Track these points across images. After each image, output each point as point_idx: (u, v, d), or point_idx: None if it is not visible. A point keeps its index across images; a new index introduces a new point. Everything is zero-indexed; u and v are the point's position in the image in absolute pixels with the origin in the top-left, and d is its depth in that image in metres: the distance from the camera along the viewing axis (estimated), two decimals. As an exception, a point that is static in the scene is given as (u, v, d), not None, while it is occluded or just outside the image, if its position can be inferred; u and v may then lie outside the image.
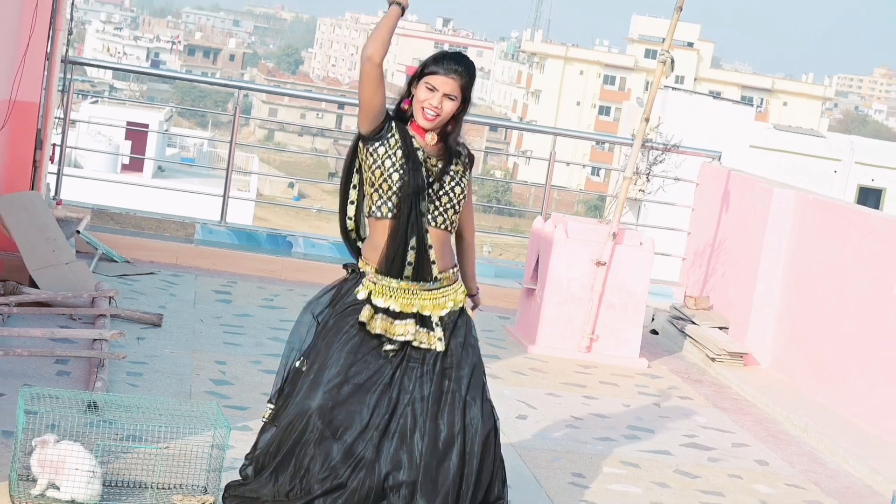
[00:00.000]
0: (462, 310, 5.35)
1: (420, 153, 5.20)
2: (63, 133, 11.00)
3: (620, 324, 9.60)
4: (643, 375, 9.36)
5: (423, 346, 5.20)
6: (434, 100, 5.13)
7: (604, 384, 8.91)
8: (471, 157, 5.37)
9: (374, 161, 5.18)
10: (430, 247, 5.21)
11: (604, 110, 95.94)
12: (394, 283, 5.20)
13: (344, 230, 5.44)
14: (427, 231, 5.19)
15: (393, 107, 5.30)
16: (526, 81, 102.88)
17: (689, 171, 11.73)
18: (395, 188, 5.15)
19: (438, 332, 5.22)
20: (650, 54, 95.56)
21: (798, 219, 9.94)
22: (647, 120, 9.79)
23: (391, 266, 5.19)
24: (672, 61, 9.62)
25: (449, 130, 5.26)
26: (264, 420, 5.31)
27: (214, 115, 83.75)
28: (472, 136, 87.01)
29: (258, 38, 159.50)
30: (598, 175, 79.20)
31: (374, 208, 5.20)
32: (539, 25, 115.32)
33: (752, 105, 44.00)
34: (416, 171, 5.17)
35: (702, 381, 9.46)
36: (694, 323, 10.37)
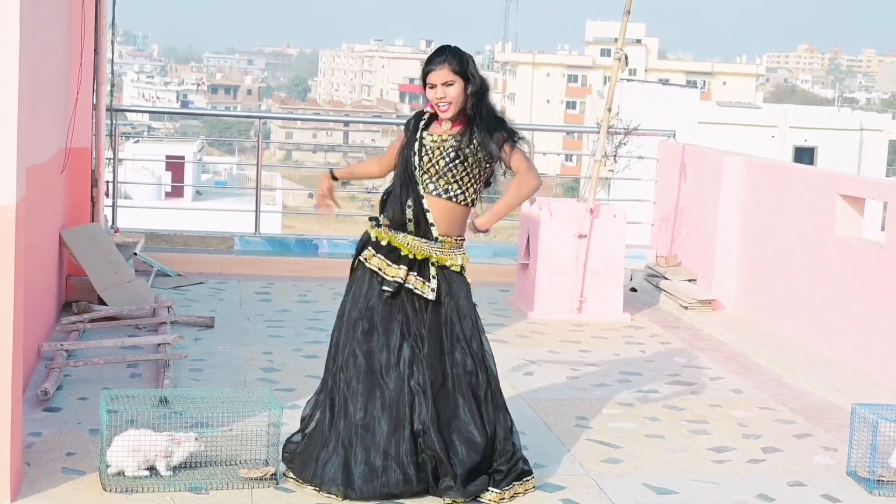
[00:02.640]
0: (462, 276, 5.34)
1: (425, 134, 5.24)
2: (114, 171, 10.99)
3: (604, 286, 9.59)
4: (628, 328, 9.35)
5: (416, 291, 5.22)
6: (438, 92, 5.16)
7: (595, 338, 8.90)
8: (507, 134, 5.24)
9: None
10: (427, 210, 5.22)
11: (570, 105, 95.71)
12: (400, 235, 5.28)
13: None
14: (423, 196, 5.21)
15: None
16: (502, 87, 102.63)
17: (650, 150, 11.70)
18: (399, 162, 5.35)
19: (433, 283, 5.23)
20: (605, 53, 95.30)
21: (747, 181, 9.93)
22: (609, 110, 9.77)
23: (395, 220, 5.29)
24: (626, 58, 9.61)
25: (471, 111, 5.22)
26: None
27: (239, 142, 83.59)
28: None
29: (270, 73, 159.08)
30: (571, 161, 79.01)
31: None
32: (508, 38, 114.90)
33: (696, 87, 43.96)
34: (408, 147, 5.28)
35: (678, 327, 9.45)
36: (666, 278, 10.36)
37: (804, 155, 33.96)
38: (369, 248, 5.35)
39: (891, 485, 5.72)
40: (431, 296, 5.23)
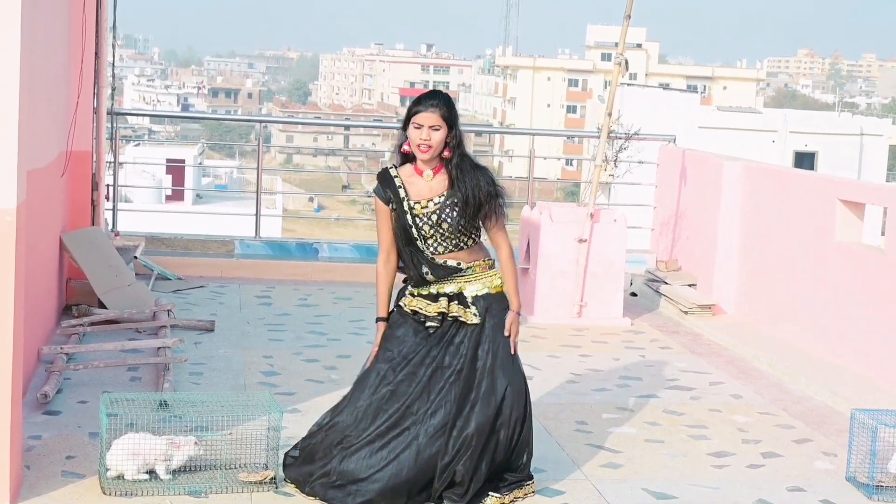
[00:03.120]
0: (502, 299, 5.34)
1: (413, 204, 5.23)
2: (114, 174, 10.99)
3: (604, 290, 9.59)
4: (628, 332, 9.35)
5: (459, 318, 5.24)
6: (423, 133, 5.17)
7: (595, 343, 8.90)
8: (493, 191, 5.27)
9: None
10: (442, 264, 5.25)
11: (571, 109, 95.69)
12: (423, 287, 5.32)
13: None
14: (433, 258, 5.23)
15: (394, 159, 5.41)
16: (502, 91, 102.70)
17: (650, 154, 11.69)
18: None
19: (474, 308, 5.26)
20: (606, 58, 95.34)
21: (746, 185, 9.93)
22: (609, 114, 9.77)
23: (416, 278, 5.34)
24: (626, 62, 9.61)
25: (445, 157, 5.26)
26: None
27: (240, 146, 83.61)
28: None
29: (271, 76, 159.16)
30: (571, 165, 79.03)
31: None
32: (509, 42, 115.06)
33: (696, 92, 44.00)
34: (400, 220, 5.28)
35: (678, 332, 9.45)
36: (666, 283, 10.36)
37: (804, 160, 33.97)
38: (408, 295, 5.39)
39: (890, 490, 5.71)
40: (475, 320, 5.25)
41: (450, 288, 5.28)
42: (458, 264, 5.27)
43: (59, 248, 8.51)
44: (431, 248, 5.26)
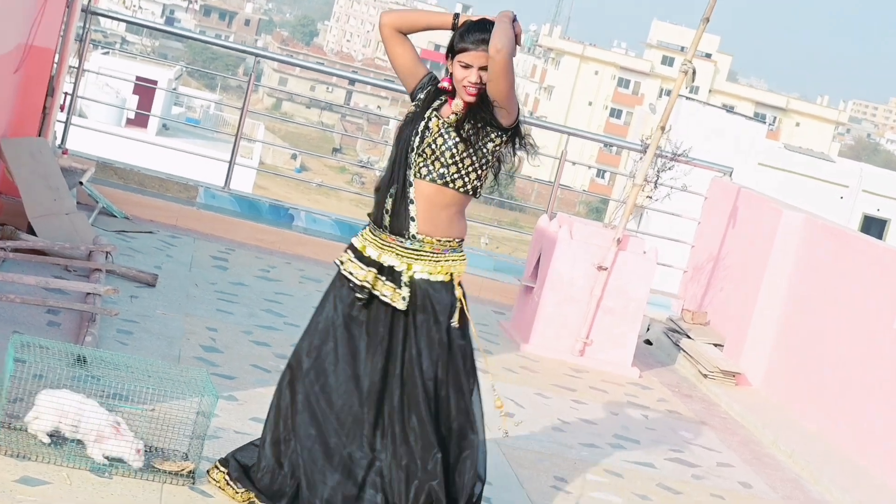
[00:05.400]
0: (448, 290, 5.24)
1: (433, 115, 5.21)
2: (75, 83, 10.97)
3: (616, 330, 9.59)
4: (633, 385, 9.35)
5: (384, 298, 5.19)
6: (472, 76, 5.12)
7: (593, 389, 8.90)
8: (513, 130, 5.23)
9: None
10: (412, 201, 5.17)
11: (615, 113, 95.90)
12: (377, 231, 5.26)
13: None
14: (412, 184, 5.18)
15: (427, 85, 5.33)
16: (540, 76, 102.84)
17: (698, 183, 11.70)
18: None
19: (405, 290, 5.17)
20: (667, 61, 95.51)
21: (804, 242, 9.93)
22: (662, 128, 9.76)
23: (376, 212, 5.28)
24: (694, 72, 9.61)
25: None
26: None
27: (225, 78, 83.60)
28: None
29: (275, 5, 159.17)
30: (602, 177, 79.21)
31: None
32: (559, 21, 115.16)
33: (764, 122, 44.06)
34: (409, 124, 5.24)
35: (692, 396, 9.46)
36: (689, 337, 10.36)
37: (873, 226, 34.00)
38: (347, 250, 5.35)
39: None
40: (401, 305, 5.19)
41: (391, 261, 5.21)
42: (411, 220, 5.15)
43: (-6, 155, 8.49)
44: (416, 166, 5.17)
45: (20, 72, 8.66)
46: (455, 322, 5.22)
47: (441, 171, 5.13)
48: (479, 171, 5.20)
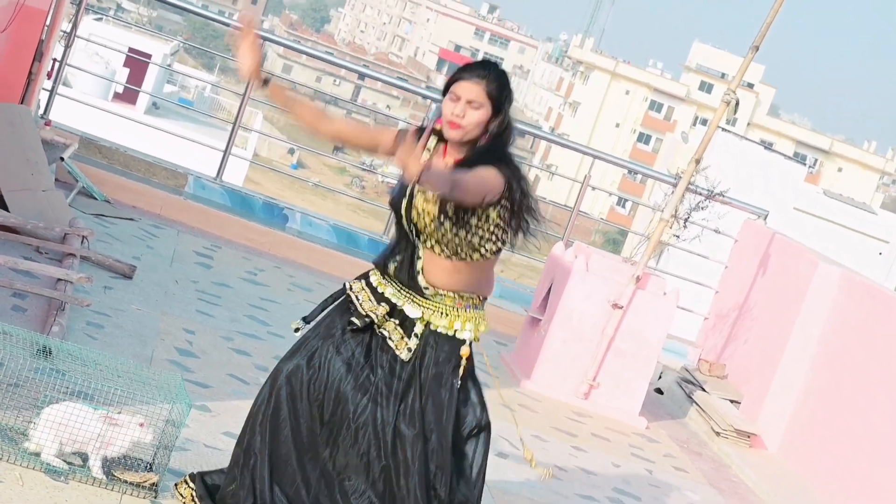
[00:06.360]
0: (465, 366, 5.23)
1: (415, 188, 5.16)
2: (66, 48, 10.98)
3: (626, 375, 9.59)
4: (639, 436, 9.35)
5: (389, 340, 5.16)
6: (457, 108, 5.01)
7: (596, 437, 8.90)
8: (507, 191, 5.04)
9: None
10: (419, 257, 5.15)
11: (643, 138, 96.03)
12: (392, 280, 5.20)
13: None
14: (420, 256, 5.12)
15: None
16: (566, 90, 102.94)
17: (728, 224, 11.70)
18: None
19: (413, 341, 5.15)
20: (705, 87, 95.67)
21: (839, 299, 9.92)
22: (698, 161, 9.76)
23: (388, 266, 5.21)
24: (737, 103, 9.62)
25: (482, 146, 5.07)
26: None
27: (225, 59, 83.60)
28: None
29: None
30: (623, 206, 79.24)
31: None
32: (592, 33, 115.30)
33: (804, 164, 44.12)
34: (400, 185, 5.15)
35: (701, 454, 9.46)
36: (704, 390, 10.36)
37: (913, 288, 34.04)
38: (362, 280, 5.31)
39: None
40: (405, 355, 5.16)
41: (408, 308, 5.18)
42: (418, 273, 5.12)
43: (-28, 119, 8.51)
44: (421, 240, 5.12)
45: (8, 31, 8.68)
46: (458, 381, 5.20)
47: (444, 246, 5.06)
48: (492, 237, 5.09)
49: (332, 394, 5.15)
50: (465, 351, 5.22)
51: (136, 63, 40.57)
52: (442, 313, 5.16)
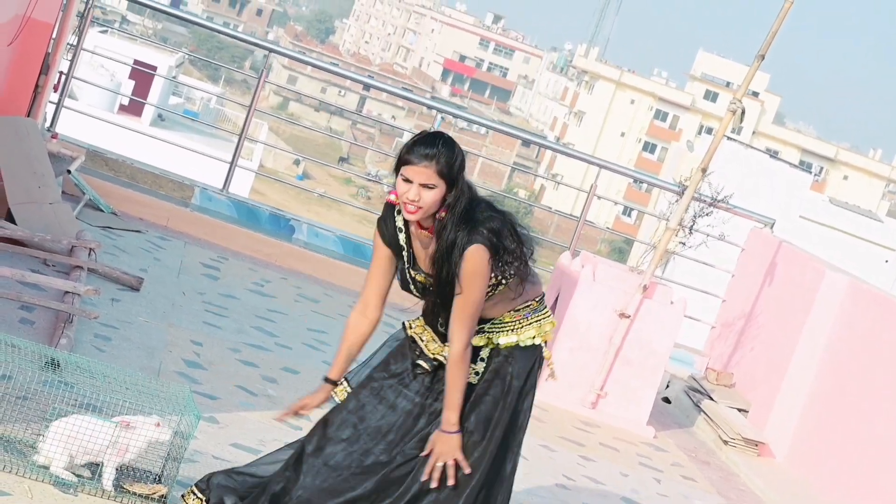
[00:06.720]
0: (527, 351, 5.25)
1: (413, 273, 5.15)
2: (71, 62, 11.00)
3: (633, 384, 9.58)
4: (647, 445, 9.34)
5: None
6: (411, 192, 4.95)
7: (603, 447, 8.89)
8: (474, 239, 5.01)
9: None
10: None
11: (649, 147, 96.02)
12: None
13: None
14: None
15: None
16: (571, 99, 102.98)
17: (735, 233, 11.69)
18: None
19: (480, 365, 5.16)
20: (710, 96, 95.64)
21: (847, 307, 9.91)
22: (704, 170, 9.76)
23: (426, 317, 5.25)
24: (743, 112, 9.62)
25: (441, 218, 5.01)
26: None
27: (230, 71, 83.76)
28: (504, 148, 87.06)
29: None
30: (629, 216, 79.23)
31: None
32: (596, 42, 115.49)
33: (809, 172, 44.08)
34: (402, 275, 5.18)
35: (709, 463, 9.45)
36: (711, 399, 10.35)
37: (920, 295, 33.97)
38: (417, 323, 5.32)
39: None
40: (472, 379, 5.17)
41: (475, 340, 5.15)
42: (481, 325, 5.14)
43: (-22, 132, 8.52)
44: (443, 319, 5.16)
45: (15, 45, 8.70)
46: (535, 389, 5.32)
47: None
48: (502, 279, 5.08)
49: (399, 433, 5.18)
50: (546, 353, 5.35)
51: (142, 75, 40.60)
52: (507, 332, 5.19)
